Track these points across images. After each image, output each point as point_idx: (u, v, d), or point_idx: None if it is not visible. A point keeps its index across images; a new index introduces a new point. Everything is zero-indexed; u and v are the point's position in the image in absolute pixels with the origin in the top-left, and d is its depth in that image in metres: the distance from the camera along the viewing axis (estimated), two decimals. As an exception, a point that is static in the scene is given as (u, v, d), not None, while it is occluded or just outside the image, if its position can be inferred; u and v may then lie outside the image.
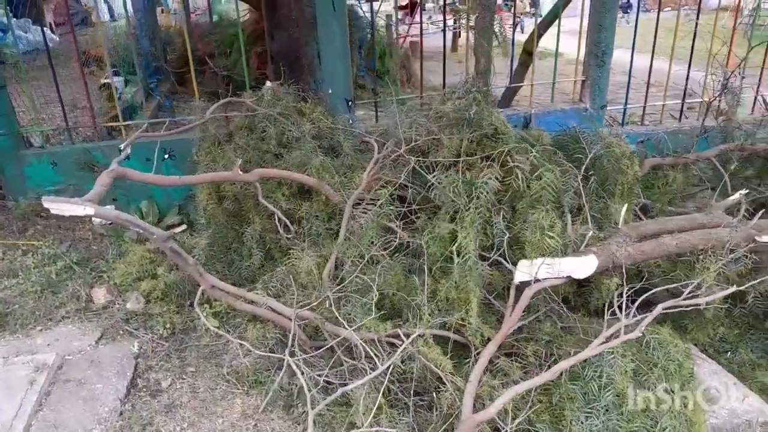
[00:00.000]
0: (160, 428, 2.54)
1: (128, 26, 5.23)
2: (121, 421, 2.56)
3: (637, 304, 2.55)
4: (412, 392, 2.48)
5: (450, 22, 10.90)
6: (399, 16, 12.42)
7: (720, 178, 3.95)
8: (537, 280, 2.59)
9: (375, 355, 2.44)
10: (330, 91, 4.16)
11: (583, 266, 2.63)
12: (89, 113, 4.42)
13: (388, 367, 2.38)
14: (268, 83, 4.02)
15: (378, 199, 3.08)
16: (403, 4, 13.67)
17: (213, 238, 3.52)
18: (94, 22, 9.74)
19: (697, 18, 4.54)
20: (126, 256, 3.57)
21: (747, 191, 3.08)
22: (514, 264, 2.71)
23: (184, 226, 2.74)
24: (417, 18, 13.70)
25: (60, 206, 2.64)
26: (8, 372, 2.73)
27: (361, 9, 8.52)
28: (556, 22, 5.26)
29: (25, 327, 3.11)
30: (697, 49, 4.59)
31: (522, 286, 2.68)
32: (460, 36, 11.20)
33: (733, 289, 2.42)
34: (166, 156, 4.16)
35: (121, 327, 3.13)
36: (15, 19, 8.47)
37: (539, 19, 5.28)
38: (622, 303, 2.61)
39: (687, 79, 4.72)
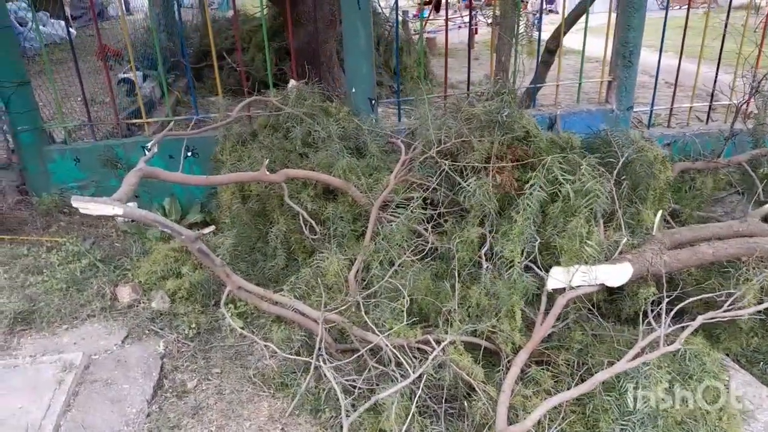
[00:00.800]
0: (188, 431, 2.53)
1: (154, 21, 5.20)
2: (149, 423, 2.55)
3: (672, 313, 2.50)
4: (443, 400, 2.45)
5: (466, 19, 10.83)
6: (415, 13, 12.35)
7: (748, 182, 3.89)
8: (571, 288, 2.55)
9: (406, 361, 2.41)
10: (354, 91, 4.13)
11: (617, 274, 2.59)
12: (110, 109, 4.41)
13: (420, 375, 2.36)
14: (293, 82, 3.99)
15: (405, 202, 3.06)
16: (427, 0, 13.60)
17: (237, 238, 3.50)
18: (113, 16, 9.75)
19: (727, 18, 4.46)
20: (150, 255, 3.56)
21: (785, 199, 3.02)
22: (546, 270, 2.67)
23: (213, 227, 2.72)
24: (437, 14, 13.66)
25: (88, 205, 2.64)
26: (36, 371, 2.73)
27: (379, 5, 8.47)
28: (580, 20, 5.19)
29: (51, 325, 3.11)
30: (713, 48, 4.52)
31: (553, 293, 2.64)
32: (477, 32, 11.12)
33: (777, 301, 2.37)
34: (189, 154, 4.15)
35: (146, 326, 3.12)
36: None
37: (549, 16, 5.20)
38: (656, 312, 2.57)
39: (715, 80, 4.65)
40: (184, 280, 3.31)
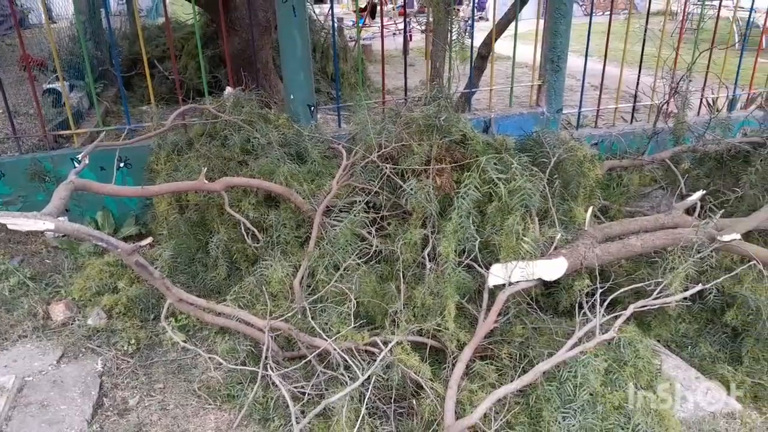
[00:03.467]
0: (131, 449, 2.45)
1: (81, 29, 5.02)
2: (89, 443, 2.46)
3: (606, 303, 2.63)
4: (392, 400, 2.47)
5: (400, 26, 10.99)
6: (354, 19, 12.41)
7: (671, 177, 4.12)
8: (510, 284, 2.64)
9: (354, 364, 2.42)
10: (292, 97, 4.11)
11: (553, 268, 2.69)
12: (36, 120, 4.22)
13: (369, 377, 2.37)
14: (229, 89, 3.94)
15: (348, 206, 3.08)
16: (362, 6, 13.68)
17: (176, 250, 3.42)
18: (35, 24, 9.30)
19: (647, 23, 4.72)
20: (84, 270, 3.43)
21: (704, 192, 3.21)
22: (486, 268, 2.74)
23: (150, 239, 2.64)
24: (372, 22, 13.77)
25: (16, 221, 2.52)
26: (-36, 398, 2.58)
27: (314, 12, 8.47)
28: (509, 26, 5.36)
29: (-21, 348, 2.95)
30: (635, 51, 4.78)
31: (494, 290, 2.72)
32: (411, 39, 11.29)
33: (700, 287, 2.52)
34: (122, 165, 4.02)
35: (83, 344, 3.01)
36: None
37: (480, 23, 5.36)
38: (590, 303, 2.69)
39: (637, 82, 4.91)
40: (121, 295, 3.21)
